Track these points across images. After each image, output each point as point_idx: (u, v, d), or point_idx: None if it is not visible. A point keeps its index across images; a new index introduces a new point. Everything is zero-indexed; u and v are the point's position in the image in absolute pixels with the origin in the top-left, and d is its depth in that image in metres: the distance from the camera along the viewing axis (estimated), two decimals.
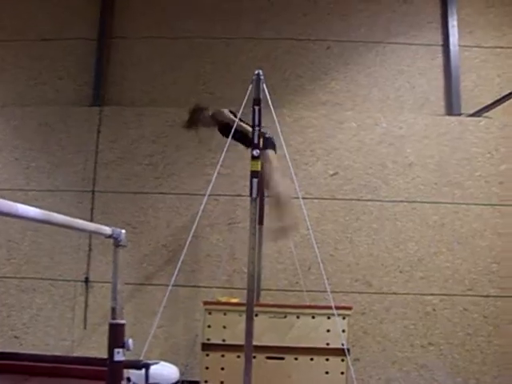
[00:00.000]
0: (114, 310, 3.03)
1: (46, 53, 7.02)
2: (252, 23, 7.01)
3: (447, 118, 6.67)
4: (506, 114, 6.62)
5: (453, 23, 6.94)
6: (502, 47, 6.91)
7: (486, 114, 6.62)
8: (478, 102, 6.69)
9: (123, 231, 3.03)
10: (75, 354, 6.24)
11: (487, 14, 7.02)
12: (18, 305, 6.47)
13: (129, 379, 4.46)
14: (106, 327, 3.05)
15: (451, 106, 6.74)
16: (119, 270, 3.02)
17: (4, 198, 1.89)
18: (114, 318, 3.02)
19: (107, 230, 2.90)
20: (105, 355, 3.00)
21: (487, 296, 6.29)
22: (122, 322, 3.02)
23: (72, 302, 6.42)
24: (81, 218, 2.68)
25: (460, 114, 6.69)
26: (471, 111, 6.68)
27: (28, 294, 6.48)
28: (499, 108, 6.47)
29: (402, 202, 6.46)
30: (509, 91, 6.37)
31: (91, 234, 4.94)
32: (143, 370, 3.94)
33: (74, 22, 7.09)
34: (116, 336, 3.01)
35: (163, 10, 7.08)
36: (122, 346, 3.00)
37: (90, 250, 6.47)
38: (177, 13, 7.06)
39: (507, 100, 6.33)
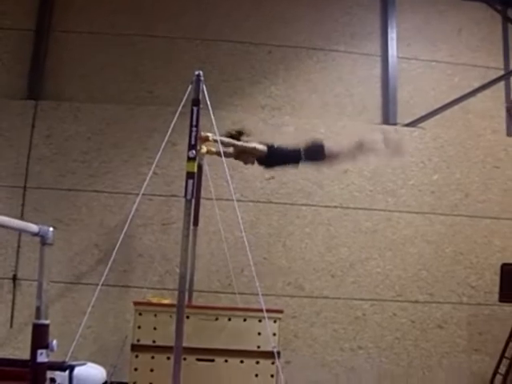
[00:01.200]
0: (38, 309, 2.96)
1: None
2: (194, 23, 6.99)
3: (384, 126, 6.82)
4: (439, 126, 6.85)
5: (392, 35, 7.13)
6: (436, 61, 7.13)
7: (420, 125, 6.82)
8: (413, 112, 6.90)
9: (51, 229, 2.96)
10: None
11: (424, 29, 7.25)
12: None
13: (53, 380, 4.34)
14: None
15: (388, 116, 6.91)
16: (46, 268, 2.95)
17: None
18: (38, 318, 2.95)
19: (34, 227, 2.83)
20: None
21: (416, 302, 6.48)
22: (47, 322, 2.95)
23: None
24: (10, 215, 2.60)
25: (396, 124, 6.86)
26: (407, 121, 6.86)
27: None
28: (433, 119, 6.69)
29: (335, 207, 6.56)
30: (442, 104, 6.59)
31: (17, 231, 4.79)
32: (67, 372, 3.85)
33: (11, 12, 6.90)
34: (40, 336, 2.94)
35: (105, 5, 6.97)
36: (46, 346, 2.92)
37: (18, 246, 6.29)
38: (119, 9, 6.97)
39: (440, 112, 6.56)
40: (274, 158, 5.11)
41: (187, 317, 4.59)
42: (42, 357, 2.91)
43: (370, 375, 6.31)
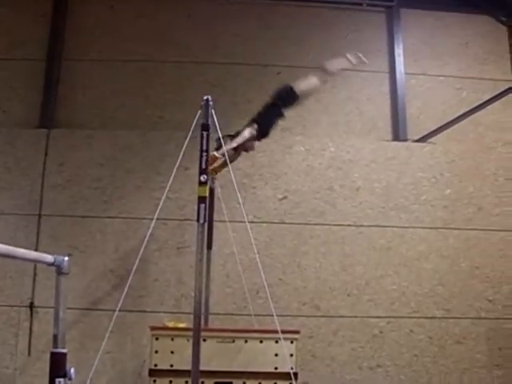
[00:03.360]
0: (55, 337, 2.98)
1: None
2: (203, 47, 7.07)
3: (394, 143, 6.85)
4: (450, 140, 6.84)
5: (399, 51, 7.18)
6: (444, 75, 7.16)
7: (430, 140, 6.82)
8: (423, 128, 6.90)
9: (66, 258, 2.99)
10: (18, 383, 6.08)
11: (431, 43, 7.29)
12: None
13: None
14: None
15: (398, 132, 6.93)
16: (62, 297, 2.98)
17: None
18: (55, 347, 2.97)
19: (49, 257, 2.87)
20: None
21: (432, 317, 6.43)
22: (64, 350, 2.97)
23: (16, 328, 6.24)
24: (26, 242, 2.66)
25: (406, 140, 6.88)
26: (417, 137, 6.87)
27: None
28: (443, 134, 6.68)
29: (349, 225, 6.56)
30: (452, 118, 6.59)
31: (33, 262, 4.84)
32: None
33: (23, 42, 7.01)
34: (57, 365, 2.96)
35: (114, 32, 7.07)
36: (64, 375, 2.94)
37: (35, 274, 6.33)
38: (127, 35, 7.06)
39: (450, 126, 6.54)
40: (264, 127, 5.37)
41: (204, 340, 4.60)
42: None
43: None
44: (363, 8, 7.40)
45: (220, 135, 4.54)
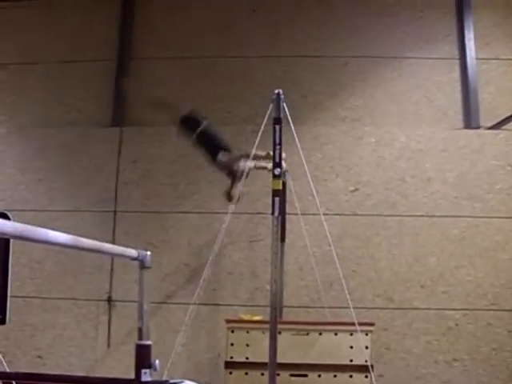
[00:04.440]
0: (140, 330, 3.04)
1: (67, 74, 7.13)
2: (268, 41, 7.07)
3: (466, 131, 6.66)
4: None
5: (469, 36, 6.94)
6: None
7: (504, 127, 6.60)
8: (497, 114, 6.67)
9: (148, 253, 3.05)
10: (99, 374, 6.27)
11: (503, 25, 7.01)
12: (42, 325, 6.52)
13: None
14: (130, 346, 3.07)
15: (469, 120, 6.73)
16: (145, 291, 3.04)
17: (27, 218, 1.94)
18: (140, 339, 3.03)
19: (133, 252, 2.93)
20: (128, 375, 3.02)
21: (511, 310, 6.24)
22: (149, 342, 3.04)
23: (95, 322, 6.46)
24: (103, 238, 2.72)
25: (479, 127, 6.68)
26: (490, 124, 6.67)
27: (51, 314, 6.53)
28: None
29: (421, 216, 6.44)
30: None
31: (117, 256, 4.98)
32: None
33: (93, 44, 7.20)
34: (143, 357, 3.02)
35: (180, 29, 7.16)
36: (149, 366, 3.01)
37: (112, 269, 6.52)
38: (193, 32, 7.14)
39: None
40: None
41: (279, 332, 4.62)
42: (146, 376, 2.99)
43: None
44: None
45: (293, 128, 4.55)
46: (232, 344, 5.17)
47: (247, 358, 5.10)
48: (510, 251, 6.34)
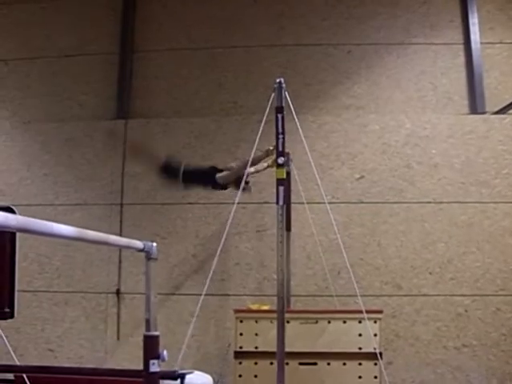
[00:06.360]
0: (148, 321, 3.05)
1: (70, 69, 7.13)
2: (271, 30, 7.04)
3: (471, 116, 6.62)
4: None
5: (473, 21, 6.89)
6: None
7: (510, 111, 6.56)
8: (503, 98, 6.62)
9: (154, 244, 3.05)
10: (108, 366, 6.31)
11: (507, 9, 6.95)
12: (52, 318, 6.57)
13: None
14: (139, 338, 3.08)
15: (475, 105, 6.69)
16: (152, 282, 3.05)
17: (34, 213, 1.94)
18: (148, 330, 3.04)
19: (139, 244, 2.93)
20: (138, 366, 3.04)
21: None
22: (157, 333, 3.05)
23: (104, 314, 6.50)
24: (110, 231, 2.73)
25: (484, 113, 6.64)
26: (495, 109, 6.62)
27: (61, 308, 6.57)
28: None
29: (428, 203, 6.42)
30: None
31: (123, 248, 5.00)
32: (178, 380, 3.97)
33: (95, 37, 7.19)
34: (151, 347, 3.03)
35: (182, 21, 7.14)
36: (158, 357, 3.01)
37: (120, 262, 6.54)
38: (196, 23, 7.12)
39: None
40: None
41: (287, 321, 4.64)
42: (155, 367, 3.00)
43: (478, 374, 6.11)
44: None
45: (295, 116, 4.53)
46: (241, 334, 5.19)
47: (256, 348, 5.12)
48: None
